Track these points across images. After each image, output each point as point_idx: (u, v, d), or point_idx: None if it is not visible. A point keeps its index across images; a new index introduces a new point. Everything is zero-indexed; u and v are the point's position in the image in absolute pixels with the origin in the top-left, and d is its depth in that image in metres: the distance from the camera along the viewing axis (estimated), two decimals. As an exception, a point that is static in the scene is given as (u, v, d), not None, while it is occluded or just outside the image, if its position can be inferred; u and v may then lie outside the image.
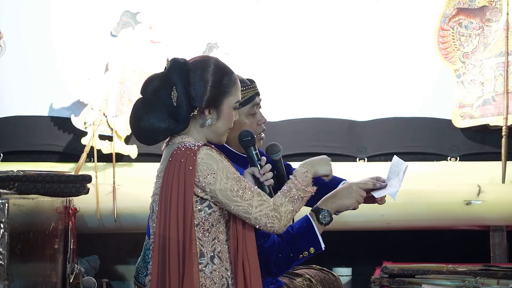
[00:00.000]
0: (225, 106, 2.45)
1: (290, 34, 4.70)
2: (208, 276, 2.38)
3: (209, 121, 2.44)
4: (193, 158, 2.33)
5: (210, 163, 2.33)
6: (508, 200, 4.24)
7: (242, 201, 2.33)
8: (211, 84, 2.42)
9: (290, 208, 2.37)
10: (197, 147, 2.35)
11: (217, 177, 2.32)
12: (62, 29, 4.62)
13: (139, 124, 2.42)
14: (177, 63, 2.44)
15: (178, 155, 2.35)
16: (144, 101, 2.44)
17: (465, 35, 4.62)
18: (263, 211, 2.33)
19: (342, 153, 4.71)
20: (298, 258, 2.60)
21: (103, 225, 4.26)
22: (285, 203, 2.37)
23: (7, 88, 4.63)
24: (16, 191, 2.99)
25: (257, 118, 2.77)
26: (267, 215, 2.34)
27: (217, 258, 2.40)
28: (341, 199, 2.63)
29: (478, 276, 3.90)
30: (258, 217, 2.33)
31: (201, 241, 2.37)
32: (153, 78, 2.46)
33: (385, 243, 4.67)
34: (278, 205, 2.36)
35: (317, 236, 2.59)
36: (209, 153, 2.35)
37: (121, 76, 4.48)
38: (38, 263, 3.14)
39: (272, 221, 2.34)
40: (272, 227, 2.34)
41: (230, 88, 2.45)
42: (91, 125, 4.41)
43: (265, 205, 2.34)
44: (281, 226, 2.35)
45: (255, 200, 2.34)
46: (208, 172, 2.33)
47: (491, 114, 4.53)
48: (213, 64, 2.45)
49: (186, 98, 2.40)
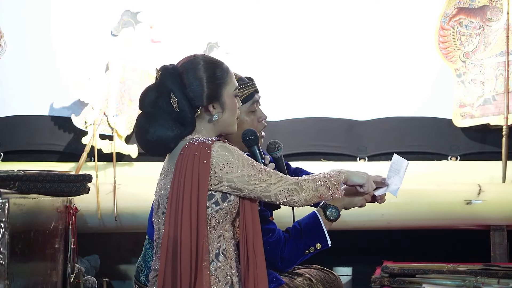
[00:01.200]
0: (226, 96, 2.46)
1: (290, 33, 4.71)
2: (212, 273, 2.38)
3: (216, 116, 2.45)
4: (207, 152, 2.34)
5: (225, 154, 2.35)
6: (508, 200, 4.24)
7: (260, 182, 2.36)
8: (206, 80, 2.43)
9: (313, 186, 2.41)
10: (211, 141, 2.37)
11: (233, 166, 2.34)
12: (62, 28, 4.63)
13: (147, 137, 2.42)
14: (168, 70, 2.45)
15: (191, 149, 2.35)
16: (146, 115, 2.44)
17: (466, 35, 4.62)
18: (282, 186, 2.37)
19: (343, 153, 4.72)
20: (304, 254, 2.63)
21: (104, 225, 4.26)
22: (309, 180, 2.41)
23: (8, 87, 4.63)
24: (16, 190, 2.99)
25: (257, 115, 2.79)
26: (286, 189, 2.37)
27: (222, 256, 2.40)
28: (350, 197, 2.64)
29: (479, 276, 3.90)
30: (278, 192, 2.37)
31: (207, 238, 2.37)
32: (148, 90, 2.46)
33: (386, 242, 4.67)
34: (301, 180, 2.40)
35: (324, 232, 2.61)
36: (223, 145, 2.37)
37: (121, 75, 4.48)
38: (38, 263, 3.14)
39: (291, 194, 2.38)
40: (292, 199, 2.38)
41: (225, 78, 2.46)
42: (92, 124, 4.41)
43: (283, 180, 2.38)
44: (300, 198, 2.39)
45: (273, 179, 2.37)
46: (224, 163, 2.34)
47: (491, 114, 4.53)
48: (202, 60, 2.46)
49: (186, 101, 2.40)
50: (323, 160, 4.70)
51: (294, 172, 3.02)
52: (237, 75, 2.76)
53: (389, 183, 2.67)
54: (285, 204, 2.41)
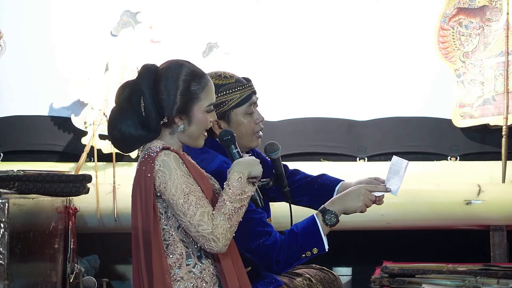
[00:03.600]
0: (196, 111, 2.41)
1: (290, 33, 4.70)
2: (198, 276, 2.37)
3: (182, 127, 2.41)
4: (152, 165, 2.31)
5: (164, 171, 2.31)
6: (508, 200, 4.24)
7: (184, 216, 2.29)
8: (179, 93, 2.38)
9: (227, 226, 2.30)
10: (156, 153, 2.32)
11: (167, 187, 2.30)
12: (62, 28, 4.62)
13: (112, 132, 2.41)
14: (146, 71, 2.42)
15: (141, 163, 2.35)
16: (118, 109, 2.42)
17: (465, 35, 4.62)
18: (200, 232, 2.28)
19: (342, 153, 4.71)
20: (300, 258, 2.59)
21: (103, 225, 4.27)
22: (221, 222, 2.29)
23: (7, 87, 4.63)
24: (16, 190, 2.99)
25: (255, 117, 2.76)
26: (204, 237, 2.28)
27: (204, 257, 2.38)
28: (350, 202, 2.62)
29: (478, 276, 3.90)
30: (197, 237, 2.30)
31: (185, 242, 2.36)
32: (125, 86, 2.44)
33: (385, 242, 4.67)
34: (215, 227, 2.29)
35: (322, 236, 2.58)
36: (165, 160, 2.32)
37: (121, 76, 4.47)
38: (38, 263, 3.14)
39: (209, 243, 2.28)
40: (211, 249, 2.30)
41: (199, 94, 2.41)
42: (91, 124, 4.41)
43: (203, 226, 2.28)
44: (219, 247, 2.30)
45: (195, 220, 2.28)
46: (161, 180, 2.31)
47: (491, 114, 4.53)
48: (182, 70, 2.42)
49: (154, 107, 2.37)
50: (323, 160, 4.70)
51: (291, 174, 3.00)
52: (234, 76, 2.74)
53: (388, 185, 2.67)
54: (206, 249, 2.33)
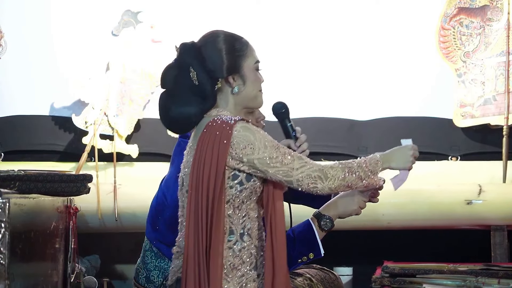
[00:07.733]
0: (246, 69, 2.46)
1: (290, 34, 4.70)
2: (237, 254, 2.36)
3: (237, 88, 2.45)
4: (229, 132, 2.33)
5: (247, 135, 2.33)
6: (509, 200, 4.24)
7: (282, 165, 2.32)
8: (225, 52, 2.43)
9: (340, 175, 2.35)
10: (233, 121, 2.35)
11: (254, 147, 2.32)
12: (63, 28, 4.62)
13: (169, 114, 2.42)
14: (186, 45, 2.46)
15: (213, 127, 2.35)
16: (167, 92, 2.44)
17: (466, 35, 4.62)
18: (305, 172, 2.33)
19: (343, 153, 4.71)
20: (297, 262, 2.61)
21: (104, 225, 4.27)
22: (337, 168, 2.35)
23: (8, 87, 4.63)
24: (17, 190, 2.99)
25: (256, 115, 2.78)
26: (309, 175, 2.33)
27: (246, 236, 2.38)
28: (344, 206, 2.61)
29: (479, 276, 3.90)
30: (300, 178, 2.33)
31: (231, 218, 2.37)
32: (168, 68, 2.47)
33: (386, 242, 4.67)
34: (327, 167, 2.34)
35: (318, 242, 2.59)
36: (245, 126, 2.35)
37: (122, 75, 4.48)
38: (39, 263, 3.14)
39: (314, 181, 2.33)
40: (315, 187, 2.34)
41: (244, 51, 2.47)
42: (92, 124, 4.41)
43: (307, 166, 2.34)
44: (324, 187, 2.34)
45: (296, 163, 2.33)
46: (245, 144, 2.32)
47: (492, 114, 4.53)
48: (221, 34, 2.48)
49: (205, 73, 2.40)
50: (323, 160, 4.69)
51: None
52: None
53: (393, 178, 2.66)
54: (307, 191, 2.36)
